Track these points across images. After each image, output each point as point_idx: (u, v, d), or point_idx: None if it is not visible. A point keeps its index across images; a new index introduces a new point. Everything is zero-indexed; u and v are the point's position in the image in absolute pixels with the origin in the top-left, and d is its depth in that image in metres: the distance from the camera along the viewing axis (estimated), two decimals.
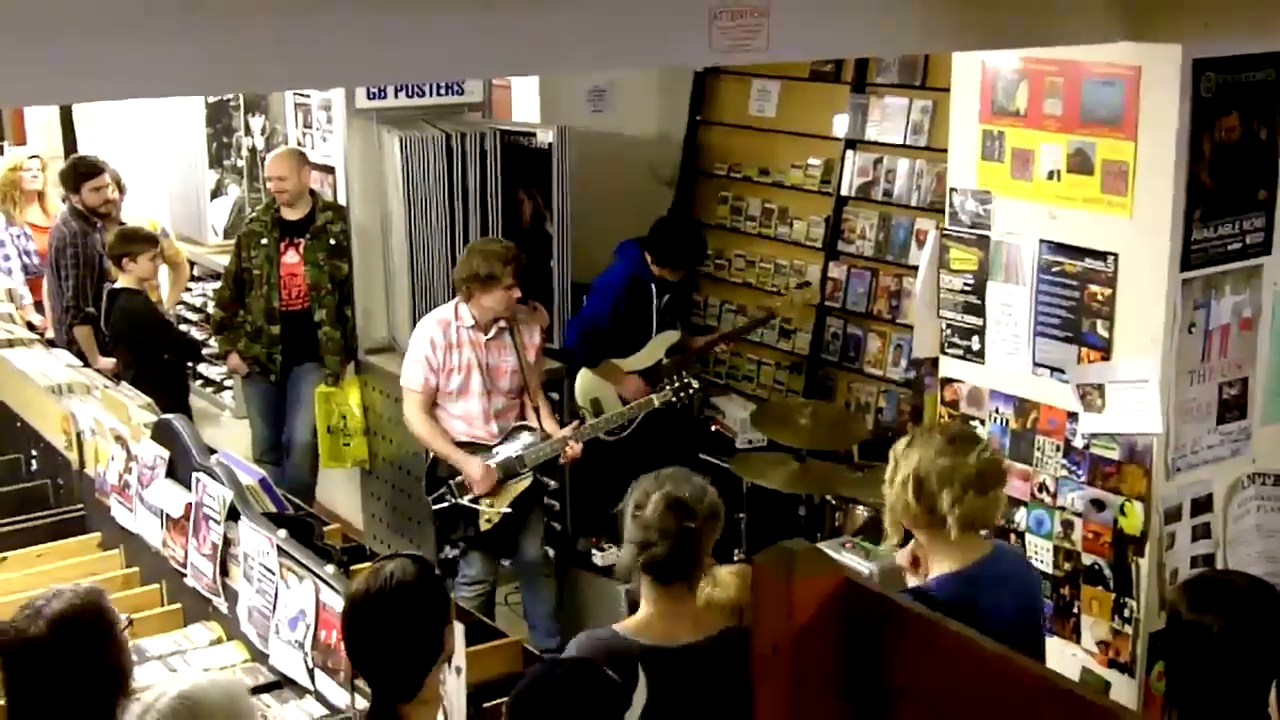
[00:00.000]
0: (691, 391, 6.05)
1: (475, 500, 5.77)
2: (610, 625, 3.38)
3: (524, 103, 7.81)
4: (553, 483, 6.66)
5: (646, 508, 3.24)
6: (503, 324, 5.78)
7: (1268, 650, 2.88)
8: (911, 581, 3.53)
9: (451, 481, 5.80)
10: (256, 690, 3.96)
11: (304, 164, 6.90)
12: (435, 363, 5.75)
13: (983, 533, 3.51)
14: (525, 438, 5.80)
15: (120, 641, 3.01)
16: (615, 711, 2.73)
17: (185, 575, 4.64)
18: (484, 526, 5.79)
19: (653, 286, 6.50)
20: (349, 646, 3.03)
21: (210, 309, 8.00)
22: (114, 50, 2.43)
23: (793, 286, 7.35)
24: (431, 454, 5.91)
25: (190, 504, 4.58)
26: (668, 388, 6.04)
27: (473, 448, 5.79)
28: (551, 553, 6.30)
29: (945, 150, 4.57)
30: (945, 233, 4.46)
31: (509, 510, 5.78)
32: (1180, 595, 2.99)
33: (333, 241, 6.85)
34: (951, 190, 4.43)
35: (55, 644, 2.87)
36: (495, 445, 5.80)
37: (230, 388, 8.85)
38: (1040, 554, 4.27)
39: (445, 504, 5.84)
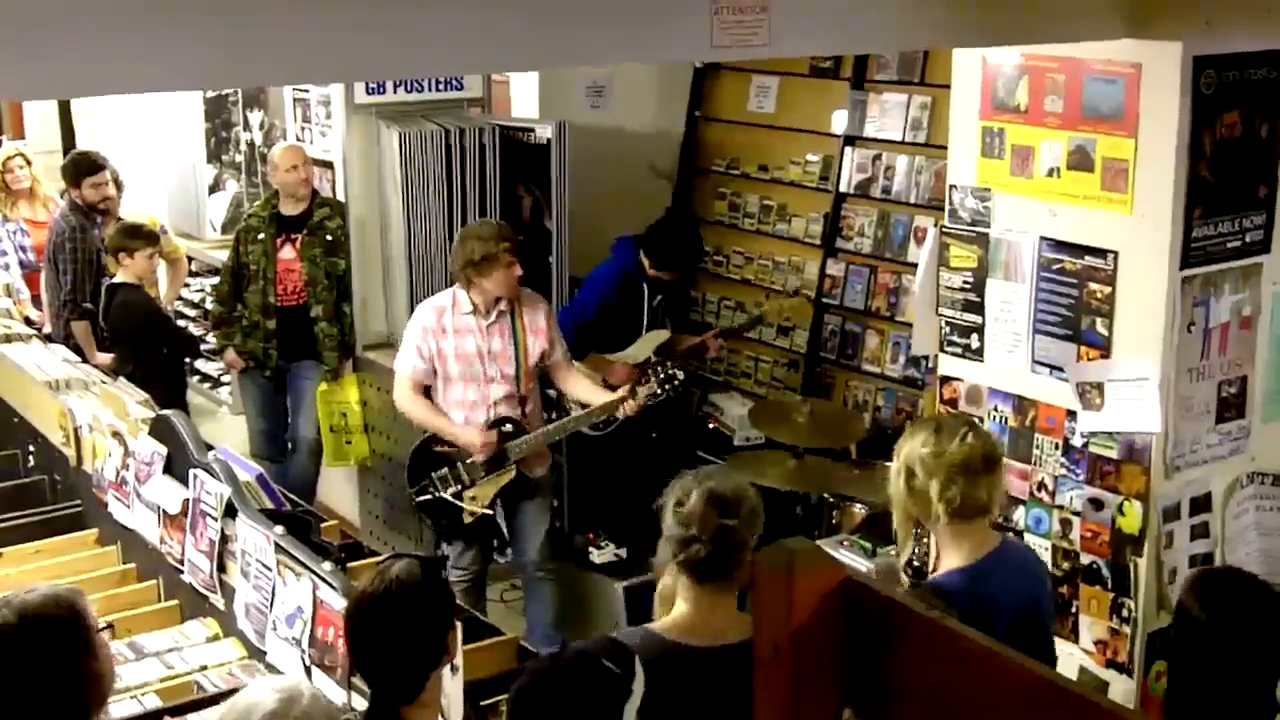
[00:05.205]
0: (677, 382, 5.73)
1: (458, 495, 5.71)
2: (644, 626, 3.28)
3: (523, 98, 7.79)
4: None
5: (687, 503, 3.16)
6: (503, 308, 5.66)
7: (1270, 650, 2.87)
8: None
9: (434, 474, 5.76)
10: None
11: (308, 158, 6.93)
12: (427, 350, 5.66)
13: (988, 523, 3.50)
14: (508, 430, 5.72)
15: (96, 645, 2.84)
16: (616, 702, 2.72)
17: (182, 571, 4.64)
18: (466, 520, 5.74)
19: (645, 285, 6.42)
20: (351, 646, 3.01)
21: (209, 304, 7.99)
22: (115, 44, 2.42)
23: (788, 289, 7.31)
24: (413, 447, 5.86)
25: (188, 500, 4.58)
26: (653, 379, 5.75)
27: None
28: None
29: (944, 147, 4.56)
30: (945, 230, 4.45)
31: (489, 511, 5.70)
32: (1189, 594, 2.98)
33: (329, 237, 6.84)
34: (951, 187, 4.42)
35: (23, 639, 2.76)
36: None
37: (228, 383, 8.84)
38: (1039, 553, 4.26)
39: (428, 496, 5.78)
